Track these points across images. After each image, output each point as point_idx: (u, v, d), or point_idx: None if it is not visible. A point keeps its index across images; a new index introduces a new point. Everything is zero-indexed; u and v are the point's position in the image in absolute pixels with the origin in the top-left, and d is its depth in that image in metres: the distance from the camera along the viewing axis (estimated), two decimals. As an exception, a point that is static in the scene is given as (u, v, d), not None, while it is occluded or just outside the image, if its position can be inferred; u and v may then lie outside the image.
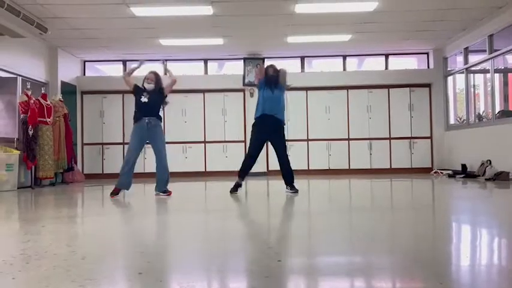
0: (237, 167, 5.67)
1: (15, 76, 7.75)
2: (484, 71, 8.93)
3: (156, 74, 5.60)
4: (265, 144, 5.73)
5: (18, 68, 7.76)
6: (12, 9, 6.25)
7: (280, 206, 4.79)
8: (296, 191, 5.39)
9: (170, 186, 5.61)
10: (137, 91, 5.50)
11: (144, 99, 5.39)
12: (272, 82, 5.53)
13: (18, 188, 6.92)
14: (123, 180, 5.40)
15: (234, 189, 5.51)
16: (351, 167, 9.85)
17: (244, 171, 5.58)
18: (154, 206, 4.90)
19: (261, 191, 6.60)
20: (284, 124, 5.63)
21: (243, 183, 5.69)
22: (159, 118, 5.51)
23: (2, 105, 7.83)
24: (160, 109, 5.59)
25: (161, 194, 5.46)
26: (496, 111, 7.95)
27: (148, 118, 5.37)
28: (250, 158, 5.58)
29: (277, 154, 5.58)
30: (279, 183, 5.81)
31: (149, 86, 5.47)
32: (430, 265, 2.06)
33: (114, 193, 5.36)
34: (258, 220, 3.87)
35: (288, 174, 5.50)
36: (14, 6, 6.29)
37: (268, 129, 5.51)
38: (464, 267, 2.15)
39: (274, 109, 5.50)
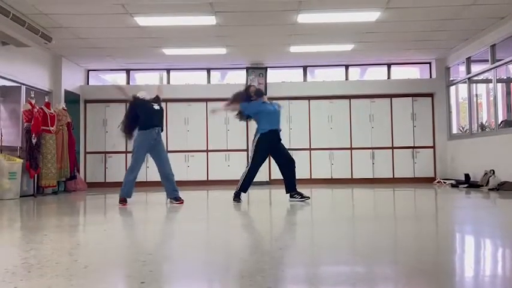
0: (239, 175, 5.65)
1: (19, 85, 7.80)
2: (487, 81, 8.94)
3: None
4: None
5: (22, 77, 7.80)
6: (18, 19, 6.31)
7: (283, 215, 4.78)
8: (305, 198, 5.45)
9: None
10: (141, 101, 5.48)
11: (156, 106, 5.43)
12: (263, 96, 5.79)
13: (20, 197, 6.92)
14: (129, 189, 5.38)
15: (238, 198, 5.51)
16: (353, 176, 9.83)
17: (248, 186, 5.56)
18: (157, 214, 4.89)
19: (264, 200, 6.58)
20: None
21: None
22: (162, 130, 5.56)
23: (6, 114, 7.87)
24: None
25: (174, 201, 5.42)
26: (499, 121, 7.94)
27: (158, 129, 5.39)
28: (257, 172, 5.58)
29: (282, 161, 5.59)
30: (282, 192, 5.79)
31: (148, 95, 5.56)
32: (434, 276, 2.04)
33: (123, 201, 5.34)
34: (261, 229, 3.86)
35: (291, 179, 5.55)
36: (19, 16, 6.35)
37: (274, 144, 5.58)
38: (468, 278, 2.13)
39: (278, 123, 5.66)
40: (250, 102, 5.66)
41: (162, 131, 5.50)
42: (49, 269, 2.22)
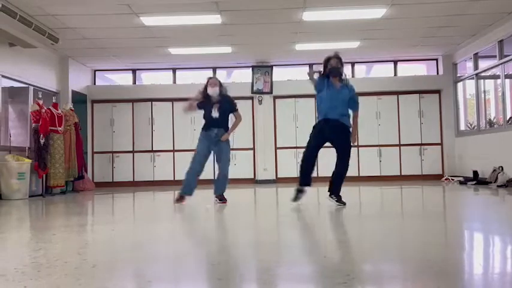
0: (246, 174, 5.65)
1: (27, 86, 7.86)
2: (495, 77, 8.86)
3: (217, 79, 5.45)
4: (276, 151, 5.47)
5: (30, 78, 7.87)
6: (25, 20, 6.36)
7: (291, 214, 4.78)
8: (343, 203, 4.80)
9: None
10: (204, 105, 5.30)
11: (214, 114, 5.24)
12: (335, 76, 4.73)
13: (29, 197, 6.99)
14: (186, 185, 5.29)
15: (296, 198, 4.95)
16: (360, 174, 9.78)
17: (302, 177, 4.96)
18: (165, 214, 4.91)
19: (271, 198, 6.58)
20: (349, 127, 4.92)
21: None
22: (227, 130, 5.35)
23: (14, 115, 7.94)
24: (229, 120, 5.40)
25: (218, 201, 5.33)
26: (508, 117, 7.87)
27: (218, 129, 5.25)
28: (307, 160, 4.95)
29: (338, 155, 4.90)
30: (286, 191, 5.78)
31: (213, 90, 5.25)
32: (443, 273, 2.03)
33: (179, 200, 5.27)
34: (267, 228, 3.86)
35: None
36: (26, 17, 6.40)
37: (327, 135, 4.85)
38: (477, 275, 2.12)
39: (334, 111, 4.76)
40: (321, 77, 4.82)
41: (226, 131, 5.32)
42: (58, 268, 2.23)
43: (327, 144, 5.02)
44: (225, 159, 5.35)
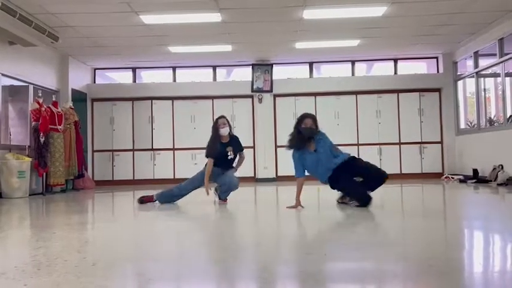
0: (245, 172, 5.64)
1: (26, 84, 7.85)
2: (495, 75, 8.86)
3: (225, 117, 5.42)
4: (276, 149, 5.35)
5: (30, 76, 7.86)
6: (25, 19, 6.35)
7: (291, 212, 4.77)
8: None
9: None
10: (219, 150, 5.22)
11: (230, 156, 5.21)
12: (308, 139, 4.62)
13: (29, 195, 6.99)
14: (168, 199, 5.31)
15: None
16: (360, 173, 9.78)
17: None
18: (165, 213, 4.91)
19: (271, 197, 6.57)
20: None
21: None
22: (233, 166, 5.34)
23: (14, 113, 7.94)
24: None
25: (218, 199, 5.36)
26: (508, 115, 7.87)
27: (224, 169, 5.21)
28: None
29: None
30: (287, 190, 5.79)
31: (224, 130, 5.24)
32: (444, 272, 2.03)
33: (144, 201, 5.27)
34: (268, 227, 3.86)
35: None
36: (26, 16, 6.39)
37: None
38: (477, 274, 2.12)
39: (324, 173, 4.70)
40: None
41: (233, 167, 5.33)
42: (58, 266, 2.24)
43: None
44: (230, 175, 5.27)
